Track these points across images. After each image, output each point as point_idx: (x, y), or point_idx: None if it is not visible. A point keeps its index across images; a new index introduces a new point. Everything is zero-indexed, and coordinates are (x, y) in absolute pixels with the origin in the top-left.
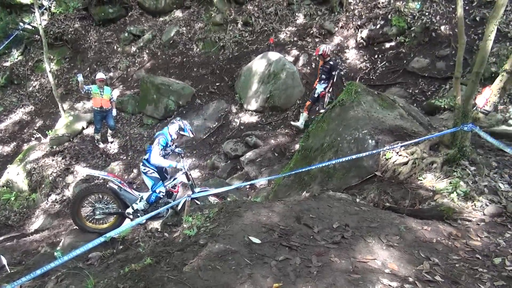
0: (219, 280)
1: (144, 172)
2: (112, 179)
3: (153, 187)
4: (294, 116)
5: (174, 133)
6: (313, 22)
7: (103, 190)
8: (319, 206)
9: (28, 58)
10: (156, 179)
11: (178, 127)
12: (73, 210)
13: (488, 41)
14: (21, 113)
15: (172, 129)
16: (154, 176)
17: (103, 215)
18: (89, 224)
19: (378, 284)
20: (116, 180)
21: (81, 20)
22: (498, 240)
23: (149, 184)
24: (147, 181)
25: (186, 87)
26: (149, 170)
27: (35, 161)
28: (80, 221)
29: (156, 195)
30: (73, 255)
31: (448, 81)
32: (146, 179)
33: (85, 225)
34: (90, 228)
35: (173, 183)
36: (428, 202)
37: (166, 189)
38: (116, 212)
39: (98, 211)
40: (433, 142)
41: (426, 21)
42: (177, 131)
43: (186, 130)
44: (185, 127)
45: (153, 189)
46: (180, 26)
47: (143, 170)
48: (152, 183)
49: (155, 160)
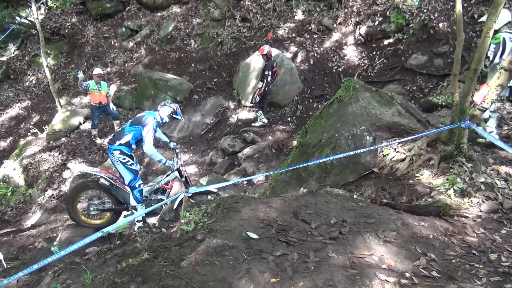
0: (216, 275)
1: (123, 162)
2: (104, 175)
3: (132, 181)
4: (292, 112)
5: (166, 116)
6: (311, 18)
7: (95, 187)
8: (317, 202)
9: (24, 53)
10: (136, 172)
11: (172, 110)
12: (68, 206)
13: (487, 38)
14: (17, 108)
15: (164, 112)
16: (133, 169)
17: (98, 211)
18: (84, 219)
19: (375, 279)
20: (108, 177)
21: (78, 14)
22: (494, 236)
23: (127, 178)
24: (125, 174)
25: (184, 82)
26: (129, 161)
27: (31, 156)
28: (76, 216)
29: (138, 190)
30: (70, 250)
31: (446, 78)
32: (124, 171)
33: (81, 220)
34: (85, 223)
35: (166, 180)
36: (425, 198)
37: (159, 186)
38: (110, 208)
39: (93, 207)
40: (431, 139)
41: (425, 18)
42: (170, 114)
43: (178, 114)
44: (177, 110)
45: (132, 185)
46: (178, 22)
47: (121, 159)
48: (132, 177)
49: (150, 149)
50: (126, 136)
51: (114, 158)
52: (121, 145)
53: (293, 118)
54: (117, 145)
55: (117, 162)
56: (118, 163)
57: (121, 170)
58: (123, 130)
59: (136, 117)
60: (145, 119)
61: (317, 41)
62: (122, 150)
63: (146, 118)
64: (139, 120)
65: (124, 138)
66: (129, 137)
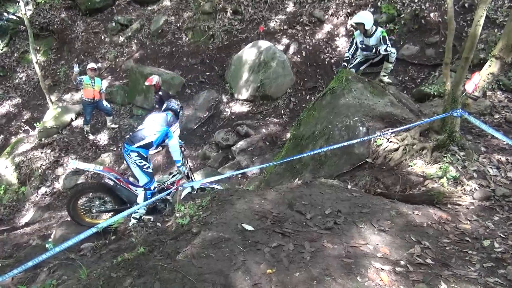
0: (212, 267)
1: (140, 165)
2: (109, 174)
3: (147, 184)
4: (285, 104)
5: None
6: (303, 10)
7: (97, 189)
8: (311, 193)
9: (13, 49)
10: (151, 174)
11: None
12: (69, 207)
13: (478, 26)
14: (8, 105)
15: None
16: (149, 172)
17: (99, 212)
18: (86, 219)
19: (371, 268)
20: (113, 176)
21: (67, 10)
22: (487, 223)
23: (143, 180)
24: (141, 177)
25: (176, 77)
26: (145, 164)
27: (23, 153)
28: (77, 217)
29: (151, 192)
30: (65, 246)
31: (437, 68)
32: (140, 174)
33: (83, 221)
34: (87, 223)
35: (172, 180)
36: (418, 187)
37: (165, 186)
38: (112, 209)
39: (94, 208)
40: (423, 128)
41: (416, 8)
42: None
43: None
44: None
45: (147, 186)
46: (168, 15)
47: (138, 162)
48: (147, 180)
49: (175, 145)
50: (148, 138)
51: (130, 160)
52: (140, 147)
53: (286, 111)
54: (135, 147)
55: (133, 164)
56: (135, 166)
57: (136, 173)
58: (140, 132)
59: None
60: (169, 118)
61: (309, 33)
62: (140, 153)
63: (169, 118)
64: (160, 120)
65: (146, 139)
66: (153, 138)
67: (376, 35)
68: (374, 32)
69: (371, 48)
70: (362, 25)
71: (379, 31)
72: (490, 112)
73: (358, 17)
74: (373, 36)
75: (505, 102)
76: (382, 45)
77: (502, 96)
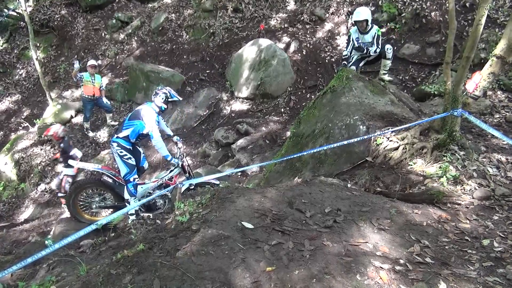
0: (212, 265)
1: (120, 155)
2: (107, 172)
3: (127, 175)
4: (285, 103)
5: (163, 103)
6: (303, 8)
7: (97, 184)
8: (311, 191)
9: (13, 46)
10: (132, 166)
11: (164, 95)
12: (69, 203)
13: (479, 25)
14: (7, 102)
15: (158, 101)
16: (130, 163)
17: (99, 208)
18: (85, 216)
19: (370, 266)
20: (111, 173)
21: (67, 6)
22: (486, 223)
23: (123, 171)
24: (121, 167)
25: (176, 74)
26: (126, 154)
27: (23, 150)
28: (77, 213)
29: (132, 184)
30: (65, 242)
31: (438, 67)
32: (120, 164)
33: (82, 217)
34: (87, 220)
35: (170, 176)
36: (418, 186)
37: (163, 182)
38: (112, 205)
39: (94, 205)
40: (424, 128)
41: (417, 7)
42: (165, 99)
43: (173, 96)
44: (171, 93)
45: (126, 178)
46: (169, 13)
47: (119, 152)
48: (127, 171)
49: (158, 142)
50: (125, 130)
51: (113, 150)
52: (119, 138)
53: (286, 109)
54: (115, 137)
55: (115, 154)
56: (116, 155)
57: (118, 163)
58: (123, 123)
59: (135, 111)
60: (143, 112)
61: (309, 31)
62: (119, 143)
63: (144, 111)
64: (137, 114)
65: (123, 132)
66: (128, 131)
67: (371, 33)
68: (370, 29)
69: (362, 49)
70: (366, 21)
71: (375, 29)
72: (490, 111)
73: (361, 14)
74: (369, 33)
75: (506, 102)
76: (374, 46)
77: (503, 96)
